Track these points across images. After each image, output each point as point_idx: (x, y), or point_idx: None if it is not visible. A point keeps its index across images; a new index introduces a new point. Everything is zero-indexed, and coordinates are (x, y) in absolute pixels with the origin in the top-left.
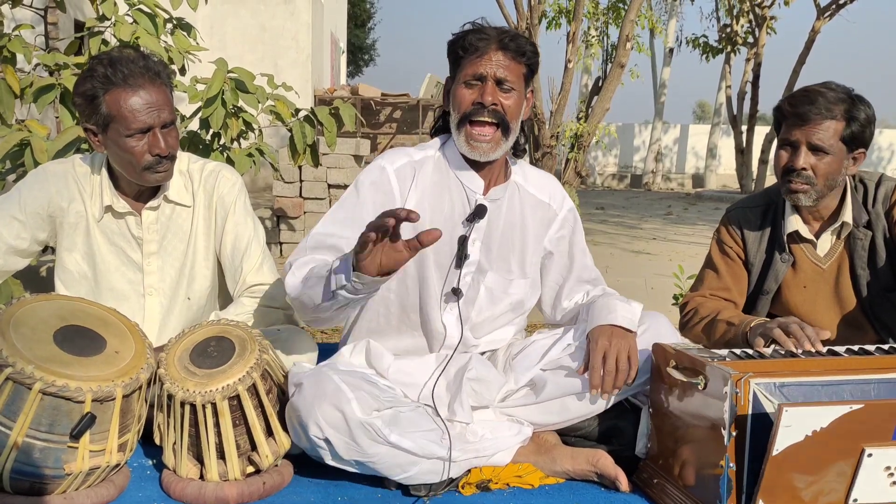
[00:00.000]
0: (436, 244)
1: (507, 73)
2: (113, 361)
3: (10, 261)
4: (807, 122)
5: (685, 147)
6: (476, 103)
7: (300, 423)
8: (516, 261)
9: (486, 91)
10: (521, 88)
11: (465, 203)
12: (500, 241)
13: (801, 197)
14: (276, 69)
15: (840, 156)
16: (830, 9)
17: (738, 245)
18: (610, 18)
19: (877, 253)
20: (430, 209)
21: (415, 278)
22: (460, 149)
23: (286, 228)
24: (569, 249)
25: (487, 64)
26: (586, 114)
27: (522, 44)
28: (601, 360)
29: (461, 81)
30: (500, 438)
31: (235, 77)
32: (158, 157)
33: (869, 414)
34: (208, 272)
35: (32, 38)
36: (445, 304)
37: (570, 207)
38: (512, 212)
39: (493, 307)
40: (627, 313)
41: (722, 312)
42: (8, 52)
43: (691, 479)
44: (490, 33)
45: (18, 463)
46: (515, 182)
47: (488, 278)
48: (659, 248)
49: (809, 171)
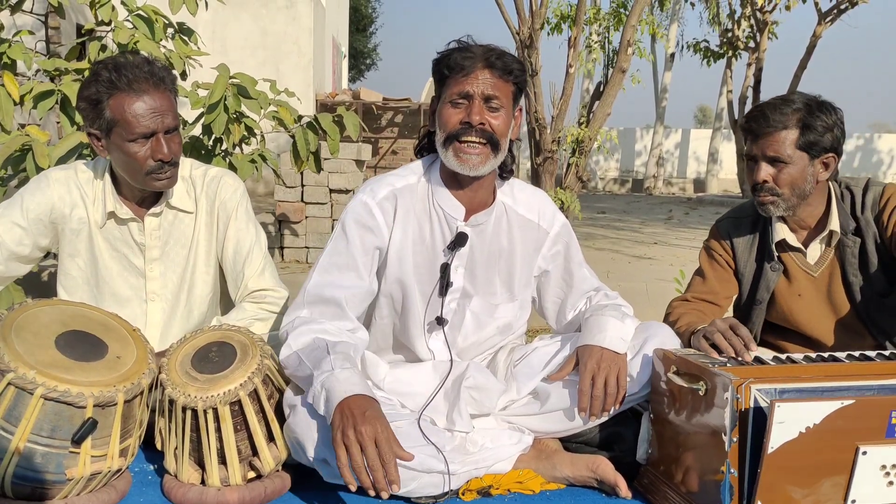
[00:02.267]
0: (419, 273)
1: (494, 91)
2: (114, 366)
3: (12, 267)
4: (759, 135)
5: (686, 151)
6: (463, 123)
7: (297, 443)
8: (503, 284)
9: (474, 110)
10: (510, 107)
11: (445, 231)
12: (486, 265)
13: (770, 208)
14: (278, 74)
15: (801, 164)
16: (832, 14)
17: (728, 253)
18: (611, 23)
19: (868, 259)
20: (412, 239)
21: (400, 307)
22: (448, 164)
23: (288, 233)
24: (565, 265)
25: (474, 82)
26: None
27: (509, 62)
28: (589, 383)
29: (447, 100)
30: (501, 448)
31: (237, 83)
32: (161, 163)
33: (861, 410)
34: (209, 277)
35: (33, 44)
36: (429, 332)
37: (563, 223)
38: (498, 235)
39: (480, 332)
40: (619, 333)
41: (681, 318)
42: (8, 58)
43: (693, 484)
44: (476, 51)
45: (20, 468)
46: (503, 203)
47: (473, 303)
48: (660, 252)
49: (771, 183)
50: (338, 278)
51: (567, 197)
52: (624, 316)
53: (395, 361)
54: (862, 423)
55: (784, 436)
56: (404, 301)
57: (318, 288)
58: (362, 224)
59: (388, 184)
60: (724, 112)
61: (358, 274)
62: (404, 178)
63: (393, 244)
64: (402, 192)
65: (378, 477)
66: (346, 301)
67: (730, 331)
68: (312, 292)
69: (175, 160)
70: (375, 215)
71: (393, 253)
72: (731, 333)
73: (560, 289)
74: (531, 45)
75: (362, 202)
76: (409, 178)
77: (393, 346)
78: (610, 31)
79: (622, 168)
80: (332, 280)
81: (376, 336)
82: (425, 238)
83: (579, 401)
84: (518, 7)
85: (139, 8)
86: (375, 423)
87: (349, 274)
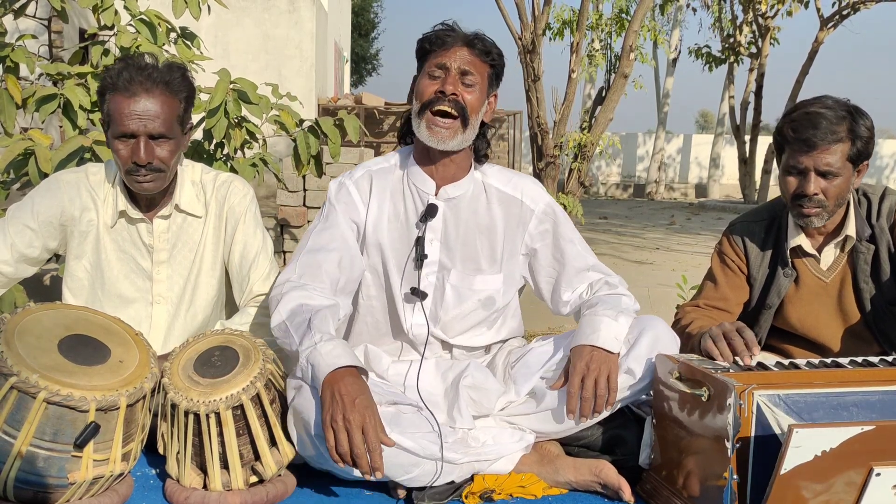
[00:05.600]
0: (395, 247)
1: (470, 68)
2: (117, 370)
3: (21, 269)
4: (813, 148)
5: (688, 157)
6: (438, 92)
7: (303, 423)
8: (486, 256)
9: (448, 80)
10: (484, 87)
11: (419, 205)
12: (464, 238)
13: (814, 220)
14: (280, 78)
15: (848, 175)
16: (833, 19)
17: (741, 259)
18: (613, 29)
19: (880, 266)
20: (387, 215)
21: (383, 282)
22: (420, 136)
23: (290, 237)
24: (555, 241)
25: (452, 56)
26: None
27: (489, 44)
28: (579, 384)
29: (425, 73)
30: (502, 444)
31: (238, 87)
32: (136, 165)
33: (880, 435)
34: (214, 281)
35: (36, 48)
36: (408, 304)
37: (549, 202)
38: (475, 210)
39: (461, 305)
40: (612, 332)
41: (692, 324)
42: (11, 61)
43: (695, 489)
44: (458, 31)
45: (22, 472)
46: (481, 181)
47: (452, 276)
48: (662, 257)
49: (821, 195)
50: (326, 241)
51: (569, 202)
52: (618, 314)
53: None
54: (879, 447)
55: (799, 459)
56: (385, 276)
57: (308, 254)
58: (340, 198)
59: (365, 167)
60: (725, 117)
61: (344, 237)
62: (381, 163)
63: (370, 219)
64: (377, 173)
65: (362, 463)
66: (338, 262)
67: (733, 332)
68: (304, 259)
69: (157, 166)
70: (351, 192)
71: (370, 228)
72: (734, 335)
73: (552, 267)
74: (533, 51)
75: (339, 182)
76: (386, 163)
77: (392, 331)
78: (612, 37)
79: (624, 173)
80: (320, 243)
81: (366, 321)
82: (399, 214)
83: (567, 402)
84: (520, 12)
85: (142, 12)
86: (364, 411)
87: (333, 237)
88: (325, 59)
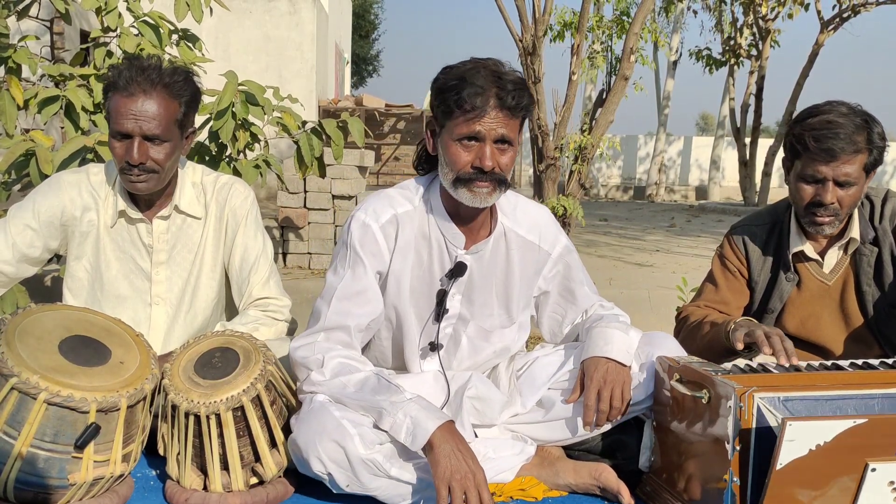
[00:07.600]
0: (415, 300)
1: (506, 130)
2: (118, 372)
3: (22, 269)
4: (835, 158)
5: (688, 159)
6: (475, 167)
7: (303, 457)
8: (500, 306)
9: (486, 155)
10: (517, 138)
11: (445, 258)
12: (483, 289)
13: (825, 228)
14: (281, 80)
15: (863, 183)
16: (834, 22)
17: (742, 262)
18: (614, 31)
19: (883, 269)
20: (411, 264)
21: (397, 331)
22: (459, 198)
23: (292, 239)
24: (566, 285)
25: (485, 124)
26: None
27: (521, 98)
28: (595, 397)
29: (455, 138)
30: (503, 458)
31: (246, 90)
32: (129, 165)
33: (873, 428)
34: (214, 283)
35: (38, 49)
36: (424, 357)
37: (564, 245)
38: (496, 257)
39: (476, 356)
40: (624, 345)
41: (710, 315)
42: (13, 62)
43: (695, 493)
44: (485, 86)
45: (23, 473)
46: (503, 224)
47: (470, 328)
48: (662, 259)
49: (836, 204)
50: (355, 307)
51: (570, 204)
52: (628, 328)
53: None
54: (873, 441)
55: (794, 453)
56: (401, 326)
57: (337, 316)
58: (367, 247)
59: (391, 206)
60: (726, 120)
61: (370, 299)
62: (406, 202)
63: (392, 269)
64: (403, 217)
65: None
66: (359, 328)
67: (779, 333)
68: (332, 319)
69: (150, 167)
70: (378, 240)
71: (392, 278)
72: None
73: (559, 305)
74: (534, 52)
75: (363, 224)
76: (410, 204)
77: (393, 365)
78: (613, 39)
79: (624, 175)
80: (349, 309)
81: (375, 355)
82: (423, 263)
83: (585, 415)
84: (521, 14)
85: (146, 14)
86: (481, 472)
87: (364, 301)
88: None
